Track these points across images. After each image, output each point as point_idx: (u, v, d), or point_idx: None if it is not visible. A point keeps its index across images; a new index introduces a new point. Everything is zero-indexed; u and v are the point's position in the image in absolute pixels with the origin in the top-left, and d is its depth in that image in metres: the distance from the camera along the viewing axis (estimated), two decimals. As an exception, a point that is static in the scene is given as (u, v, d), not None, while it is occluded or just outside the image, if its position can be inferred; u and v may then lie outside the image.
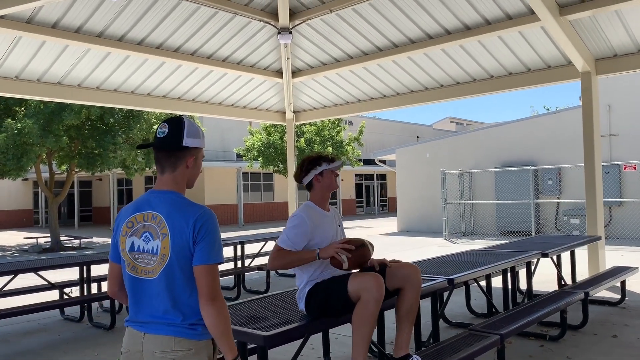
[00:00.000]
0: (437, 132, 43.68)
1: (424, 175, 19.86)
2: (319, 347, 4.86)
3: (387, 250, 13.98)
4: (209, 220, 2.01)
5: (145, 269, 2.04)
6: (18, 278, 6.26)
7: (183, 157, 2.11)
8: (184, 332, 2.00)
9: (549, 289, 7.15)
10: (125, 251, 2.09)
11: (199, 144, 2.15)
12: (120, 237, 2.12)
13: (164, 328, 2.01)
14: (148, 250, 2.04)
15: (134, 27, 7.84)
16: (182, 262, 1.99)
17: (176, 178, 2.12)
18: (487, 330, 4.07)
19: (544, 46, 8.08)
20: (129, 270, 2.09)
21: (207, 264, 1.97)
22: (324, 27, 8.88)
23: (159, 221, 2.03)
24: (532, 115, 19.64)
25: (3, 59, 7.76)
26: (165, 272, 2.00)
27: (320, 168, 3.47)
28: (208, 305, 1.96)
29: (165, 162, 2.11)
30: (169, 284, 2.00)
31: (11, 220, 31.85)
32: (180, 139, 2.08)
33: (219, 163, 28.56)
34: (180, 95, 10.25)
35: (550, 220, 16.50)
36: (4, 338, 6.08)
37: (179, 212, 2.02)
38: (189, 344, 2.00)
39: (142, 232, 2.06)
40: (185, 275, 2.00)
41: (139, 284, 2.06)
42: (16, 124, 14.36)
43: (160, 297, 2.02)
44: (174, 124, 2.10)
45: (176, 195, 2.10)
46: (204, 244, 1.98)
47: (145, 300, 2.05)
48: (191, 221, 1.99)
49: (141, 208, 2.10)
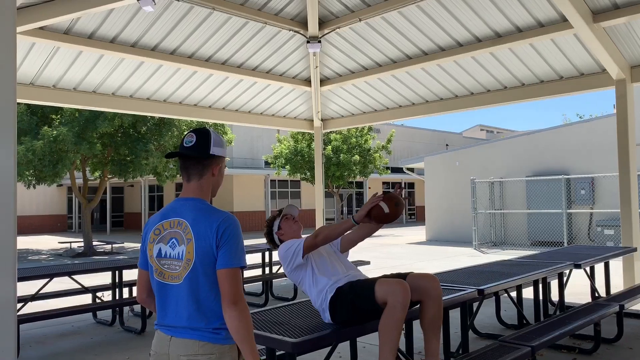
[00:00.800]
0: (467, 140, 43.20)
1: (453, 184, 19.66)
2: (347, 355, 4.85)
3: (416, 260, 13.87)
4: (232, 226, 2.07)
5: (172, 274, 2.10)
6: (53, 282, 6.42)
7: (209, 165, 2.19)
8: (207, 337, 2.05)
9: (581, 301, 6.99)
10: (153, 258, 2.16)
11: (224, 153, 2.23)
12: (149, 244, 2.19)
13: (189, 332, 2.06)
14: (174, 255, 2.10)
15: (167, 37, 8.01)
16: (206, 266, 2.04)
17: (202, 185, 2.19)
18: (517, 341, 4.00)
19: (577, 54, 7.95)
20: (157, 276, 2.15)
21: (230, 268, 2.02)
22: (353, 36, 8.92)
23: (184, 227, 2.10)
24: (564, 124, 19.28)
25: (42, 68, 8.01)
26: (189, 276, 2.06)
27: (276, 224, 3.69)
28: (230, 308, 2.01)
29: (193, 170, 2.18)
30: (193, 289, 2.05)
31: (46, 225, 32.69)
32: (207, 147, 2.16)
33: (248, 170, 28.83)
34: (211, 103, 10.41)
35: (583, 230, 16.13)
36: (39, 340, 6.24)
37: (203, 218, 2.08)
38: (213, 348, 2.05)
39: (169, 239, 2.13)
40: (209, 280, 2.05)
41: (166, 289, 2.12)
42: (52, 132, 14.78)
43: (185, 301, 2.07)
44: (201, 134, 2.18)
45: (201, 202, 2.16)
46: (226, 248, 2.03)
47: (171, 305, 2.11)
48: (214, 226, 2.04)
49: (168, 215, 2.18)
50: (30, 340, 6.22)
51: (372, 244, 19.65)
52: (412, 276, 3.41)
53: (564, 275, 5.91)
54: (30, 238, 26.85)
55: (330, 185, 23.83)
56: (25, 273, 5.90)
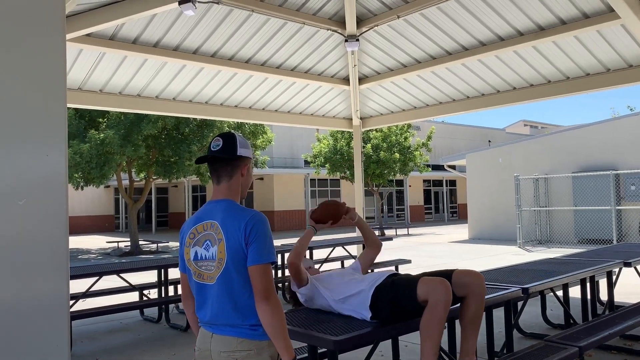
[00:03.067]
0: (510, 136, 42.27)
1: (496, 181, 19.28)
2: (388, 353, 4.84)
3: (458, 259, 13.68)
4: (259, 222, 2.12)
5: (209, 274, 2.18)
6: (102, 280, 6.65)
7: (238, 166, 2.27)
8: (245, 333, 2.11)
9: (632, 300, 6.75)
10: (191, 261, 2.25)
11: (249, 154, 2.31)
12: (185, 249, 2.28)
13: (227, 329, 2.13)
14: (209, 257, 2.18)
15: (207, 40, 8.16)
16: (237, 264, 2.10)
17: (231, 186, 2.26)
18: (564, 341, 3.91)
19: (625, 45, 7.67)
20: (196, 278, 2.23)
21: (260, 264, 2.08)
22: (391, 33, 8.86)
23: (215, 228, 2.17)
24: (612, 117, 18.63)
25: (89, 73, 8.29)
26: (223, 275, 2.13)
27: (294, 285, 3.76)
28: (262, 303, 2.05)
29: (222, 172, 2.26)
30: (227, 287, 2.12)
31: (94, 225, 33.79)
32: (235, 149, 2.25)
33: (288, 170, 29.03)
34: (251, 104, 10.54)
35: (633, 227, 15.54)
36: (90, 336, 6.48)
37: (232, 218, 2.15)
38: (251, 344, 2.10)
39: (203, 241, 2.21)
40: (243, 277, 2.11)
41: (204, 289, 2.20)
42: (99, 135, 15.28)
43: (221, 299, 2.14)
44: (227, 137, 2.27)
45: (230, 203, 2.23)
46: (255, 245, 2.08)
47: (209, 304, 2.18)
48: (242, 224, 2.10)
49: (201, 219, 2.26)
50: (81, 335, 6.46)
51: (413, 242, 19.47)
52: (457, 272, 3.40)
53: (613, 273, 5.72)
54: (79, 238, 27.81)
55: (370, 184, 23.74)
56: (77, 272, 6.12)
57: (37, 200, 2.34)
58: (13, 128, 2.26)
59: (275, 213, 28.44)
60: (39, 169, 2.35)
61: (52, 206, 2.37)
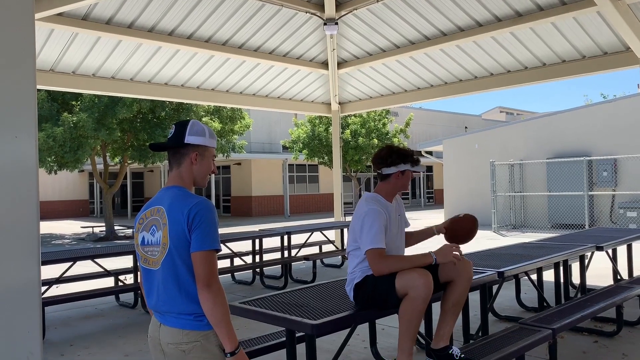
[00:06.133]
0: (486, 122, 42.65)
1: (472, 167, 19.49)
2: (366, 336, 4.88)
3: (435, 243, 13.83)
4: (204, 209, 2.10)
5: (154, 260, 2.18)
6: (76, 265, 6.55)
7: (186, 154, 2.25)
8: (191, 324, 2.10)
9: (603, 283, 6.91)
10: (139, 246, 2.25)
11: (203, 142, 2.27)
12: (135, 234, 2.29)
13: (173, 320, 2.12)
14: (154, 242, 2.18)
15: (183, 21, 8.00)
16: (180, 250, 2.09)
17: (181, 173, 2.26)
18: (538, 324, 3.98)
19: (600, 32, 7.76)
20: (143, 263, 2.24)
21: (202, 251, 2.06)
22: (370, 17, 8.81)
23: (161, 214, 2.17)
24: (586, 104, 18.93)
25: (61, 55, 8.08)
26: (166, 260, 2.12)
27: (405, 167, 3.48)
28: (204, 291, 2.04)
29: (172, 159, 2.28)
30: (172, 272, 2.11)
31: (68, 210, 33.25)
32: (182, 136, 2.24)
33: (266, 155, 28.88)
34: (228, 88, 10.41)
35: (605, 213, 15.90)
36: (65, 322, 6.39)
37: (177, 203, 2.14)
38: (197, 335, 2.09)
39: (150, 226, 2.21)
40: (186, 264, 2.10)
41: (151, 275, 2.20)
42: (72, 118, 14.94)
43: (166, 284, 2.13)
44: (179, 125, 2.27)
45: (179, 189, 2.23)
46: (198, 231, 2.07)
47: (155, 289, 2.18)
48: (186, 210, 2.09)
49: (150, 205, 2.27)
50: (55, 322, 6.37)
51: (390, 227, 19.60)
52: None
53: (585, 257, 5.84)
54: (53, 223, 27.36)
55: (348, 169, 23.78)
56: (50, 257, 6.01)
57: (6, 183, 2.27)
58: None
59: (253, 198, 28.34)
60: (8, 152, 2.28)
61: (22, 189, 2.31)
